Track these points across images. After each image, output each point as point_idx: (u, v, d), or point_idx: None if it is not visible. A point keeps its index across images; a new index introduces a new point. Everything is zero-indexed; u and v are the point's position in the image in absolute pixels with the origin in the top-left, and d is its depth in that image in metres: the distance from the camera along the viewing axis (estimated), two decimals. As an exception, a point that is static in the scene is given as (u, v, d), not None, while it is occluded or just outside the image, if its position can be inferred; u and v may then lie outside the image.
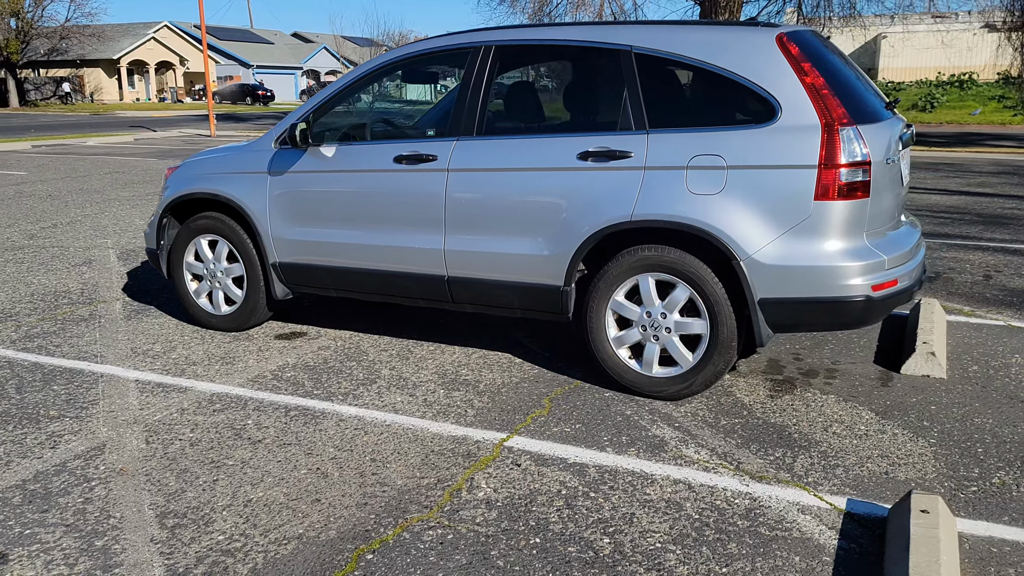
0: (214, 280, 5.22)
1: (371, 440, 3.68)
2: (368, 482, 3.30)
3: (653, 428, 3.80)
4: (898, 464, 3.44)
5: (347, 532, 2.93)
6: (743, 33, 3.98)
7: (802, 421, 3.87)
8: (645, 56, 4.05)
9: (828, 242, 3.72)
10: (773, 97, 3.78)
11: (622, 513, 3.06)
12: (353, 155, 4.67)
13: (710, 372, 3.98)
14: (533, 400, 4.14)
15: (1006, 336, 5.10)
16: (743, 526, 2.98)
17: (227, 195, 5.01)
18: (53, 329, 5.36)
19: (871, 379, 4.41)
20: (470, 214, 4.35)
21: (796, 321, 3.88)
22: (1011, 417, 3.89)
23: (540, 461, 3.48)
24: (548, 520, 3.02)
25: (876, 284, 3.74)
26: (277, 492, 3.21)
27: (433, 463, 3.46)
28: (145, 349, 4.95)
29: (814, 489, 3.24)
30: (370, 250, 4.64)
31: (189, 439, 3.70)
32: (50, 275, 6.85)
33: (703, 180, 3.84)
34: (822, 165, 3.67)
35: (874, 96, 4.30)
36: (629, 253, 4.05)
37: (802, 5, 21.43)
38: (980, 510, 3.07)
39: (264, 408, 4.04)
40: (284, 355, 4.83)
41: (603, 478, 3.33)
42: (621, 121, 4.06)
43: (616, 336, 4.16)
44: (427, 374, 4.51)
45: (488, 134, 4.36)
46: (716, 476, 3.35)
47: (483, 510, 3.08)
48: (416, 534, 2.92)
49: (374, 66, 4.75)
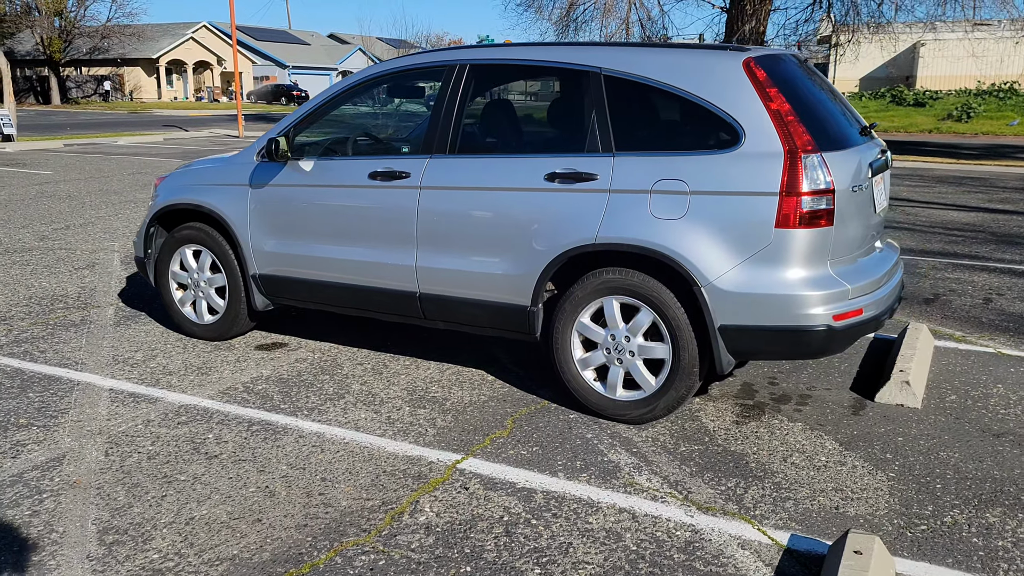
0: (198, 290, 5.29)
1: (326, 458, 3.70)
2: (313, 502, 3.32)
3: (610, 453, 3.78)
4: (851, 499, 3.38)
5: (281, 555, 2.95)
6: (710, 57, 3.95)
7: (763, 450, 3.82)
8: (614, 78, 4.03)
9: (789, 270, 3.67)
10: (737, 123, 3.74)
11: (559, 542, 3.05)
12: (330, 170, 4.71)
13: (672, 397, 3.94)
14: (496, 420, 4.13)
15: (992, 364, 4.99)
16: (679, 560, 2.95)
17: (210, 206, 5.07)
18: (43, 334, 5.46)
19: (843, 407, 4.34)
20: (441, 231, 4.36)
21: (756, 349, 3.83)
22: (978, 452, 3.80)
23: (489, 485, 3.47)
24: (484, 548, 3.01)
25: (838, 314, 3.68)
26: (221, 511, 3.24)
27: (382, 484, 3.47)
28: (126, 357, 5.03)
29: (759, 523, 3.20)
30: (345, 264, 4.67)
31: (147, 452, 3.75)
32: (52, 278, 6.98)
33: (666, 204, 3.81)
34: (783, 192, 3.62)
35: (848, 122, 4.24)
36: (594, 275, 4.03)
37: (832, 14, 21.17)
38: (925, 551, 3.01)
39: (228, 422, 4.09)
40: (260, 366, 4.88)
41: (548, 504, 3.32)
42: (589, 143, 4.04)
43: (581, 358, 4.14)
44: (397, 390, 4.52)
45: (461, 152, 4.36)
46: (663, 506, 3.32)
47: (421, 535, 3.08)
48: (348, 559, 2.93)
49: (354, 81, 4.78)
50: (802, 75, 4.25)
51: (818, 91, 4.23)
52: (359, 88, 4.79)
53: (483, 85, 4.48)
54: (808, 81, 4.23)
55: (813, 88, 4.19)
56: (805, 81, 4.18)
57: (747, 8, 19.76)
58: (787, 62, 4.22)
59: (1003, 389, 4.58)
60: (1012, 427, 4.08)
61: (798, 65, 4.35)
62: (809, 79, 4.27)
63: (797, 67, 4.29)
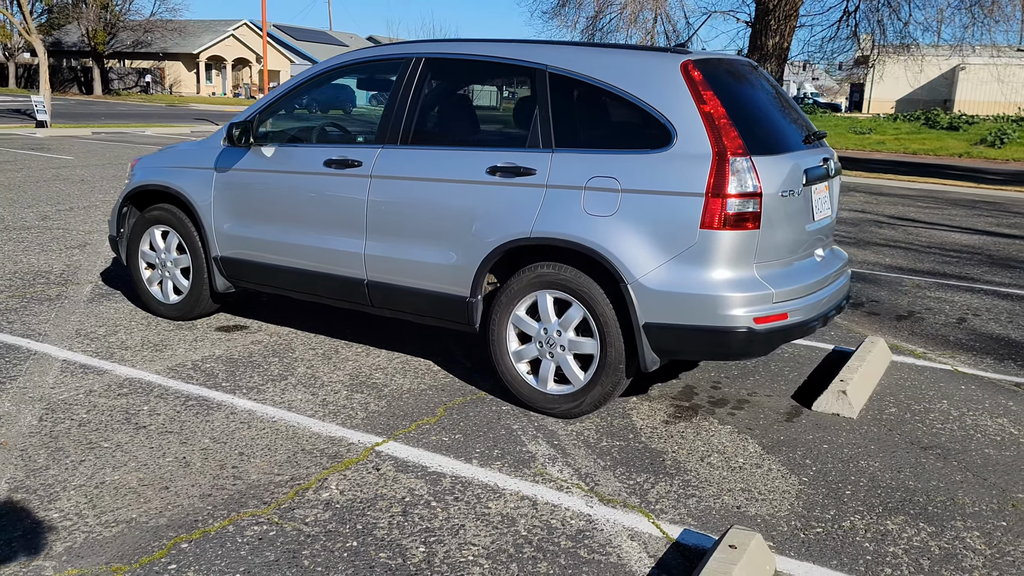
0: (164, 270, 5.42)
1: (250, 435, 3.78)
2: (225, 474, 3.40)
3: (530, 444, 3.82)
4: (756, 499, 3.39)
5: (177, 521, 3.03)
6: (650, 59, 3.98)
7: (683, 449, 3.84)
8: (558, 76, 4.08)
9: (713, 271, 3.69)
10: (671, 123, 3.77)
11: (452, 524, 3.10)
12: (289, 156, 4.81)
13: (599, 392, 3.97)
14: (429, 408, 4.19)
15: (945, 381, 4.95)
16: (565, 546, 2.98)
17: (176, 188, 5.20)
18: (16, 307, 5.62)
19: (779, 413, 4.34)
20: (388, 220, 4.43)
21: (679, 348, 3.85)
22: (900, 463, 3.79)
23: (401, 467, 3.53)
24: (376, 525, 3.07)
25: (760, 317, 3.69)
26: (133, 477, 3.34)
27: (297, 461, 3.55)
28: (89, 331, 5.17)
29: (656, 517, 3.22)
30: (299, 249, 4.76)
31: (80, 420, 3.86)
32: (41, 256, 7.17)
33: (598, 201, 3.85)
34: (709, 194, 3.64)
35: (793, 128, 4.25)
36: (530, 269, 4.08)
37: (858, 33, 21.00)
38: (813, 552, 3.01)
39: (166, 396, 4.19)
40: (215, 346, 4.99)
41: (453, 489, 3.37)
42: (530, 138, 4.10)
43: (516, 350, 4.19)
44: (340, 375, 4.60)
45: (412, 143, 4.44)
46: (565, 496, 3.35)
47: (319, 511, 3.15)
48: (241, 528, 3.00)
49: (314, 72, 4.88)
50: (751, 80, 4.27)
51: (764, 97, 4.25)
52: (320, 78, 4.88)
53: (436, 78, 4.55)
54: (754, 87, 4.25)
55: (758, 94, 4.21)
56: (750, 86, 4.20)
57: (772, 24, 19.67)
58: (735, 66, 4.25)
59: (947, 405, 4.55)
60: (943, 441, 4.05)
61: (749, 70, 4.37)
62: (757, 85, 4.29)
63: (747, 72, 4.31)
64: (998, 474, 3.72)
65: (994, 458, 3.89)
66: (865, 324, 6.14)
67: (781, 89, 4.57)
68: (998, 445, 4.04)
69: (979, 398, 4.68)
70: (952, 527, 3.24)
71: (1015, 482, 3.65)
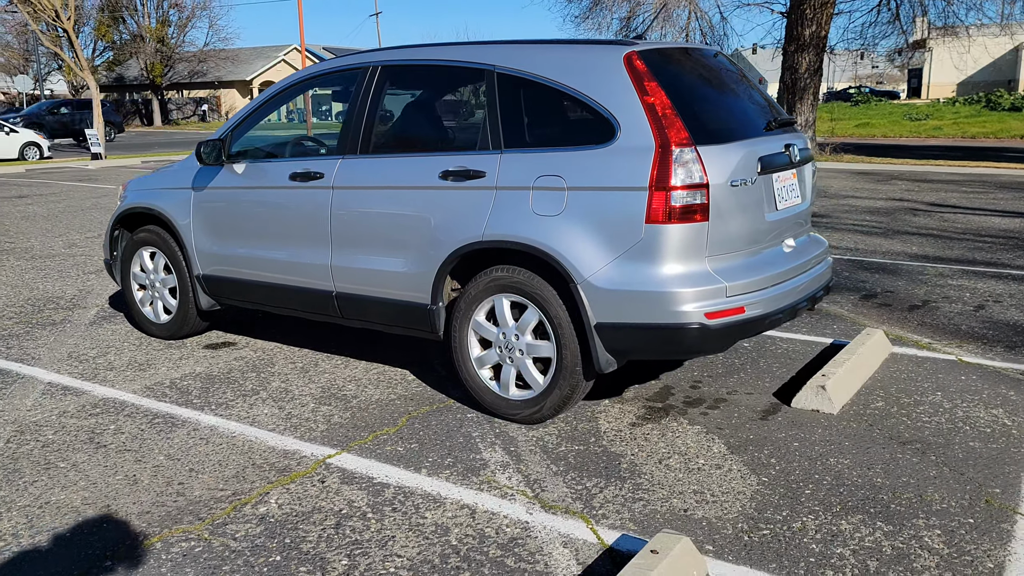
0: (154, 290, 5.51)
1: (205, 450, 3.79)
2: (169, 491, 3.41)
3: (486, 451, 3.74)
4: (707, 502, 3.25)
5: (108, 540, 3.04)
6: (592, 52, 3.89)
7: (643, 452, 3.71)
8: (505, 76, 4.02)
9: (661, 266, 3.57)
10: (614, 117, 3.67)
11: (383, 536, 3.04)
12: (258, 172, 4.84)
13: (558, 396, 3.88)
14: (392, 418, 4.15)
15: (944, 372, 4.70)
16: (492, 555, 2.90)
17: (159, 209, 5.28)
18: (20, 332, 5.78)
19: (755, 411, 4.17)
20: (352, 231, 4.42)
21: (633, 347, 3.73)
22: (872, 459, 3.60)
23: (347, 479, 3.49)
24: (305, 539, 3.03)
25: (712, 312, 3.55)
26: (78, 496, 3.37)
27: (244, 476, 3.54)
28: (81, 354, 5.28)
29: (596, 523, 3.11)
30: (271, 264, 4.78)
31: (45, 440, 3.92)
32: (58, 282, 7.38)
33: (546, 201, 3.77)
34: (653, 187, 3.52)
35: (753, 114, 4.09)
36: (486, 274, 4.01)
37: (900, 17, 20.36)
38: (753, 555, 2.87)
39: (136, 414, 4.24)
40: (197, 364, 5.04)
41: (395, 499, 3.32)
42: (480, 140, 4.04)
43: (478, 356, 4.12)
44: (313, 388, 4.60)
45: (372, 152, 4.42)
46: (507, 503, 3.27)
47: (251, 525, 3.13)
48: (168, 544, 3.00)
49: (281, 87, 4.91)
50: (708, 69, 4.13)
51: (723, 85, 4.10)
52: (286, 92, 4.91)
53: (392, 86, 4.52)
54: (712, 75, 4.11)
55: (715, 82, 4.07)
56: (706, 75, 4.07)
57: (807, 12, 19.21)
58: (691, 55, 4.12)
59: (940, 397, 4.31)
60: (925, 435, 3.84)
61: (709, 58, 4.24)
62: (715, 73, 4.15)
63: (705, 60, 4.18)
64: (978, 468, 3.50)
65: (978, 451, 3.66)
66: (873, 316, 5.89)
67: (745, 76, 4.41)
68: (986, 438, 3.81)
69: (977, 388, 4.43)
70: (912, 526, 3.05)
71: (994, 476, 3.42)
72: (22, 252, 9.02)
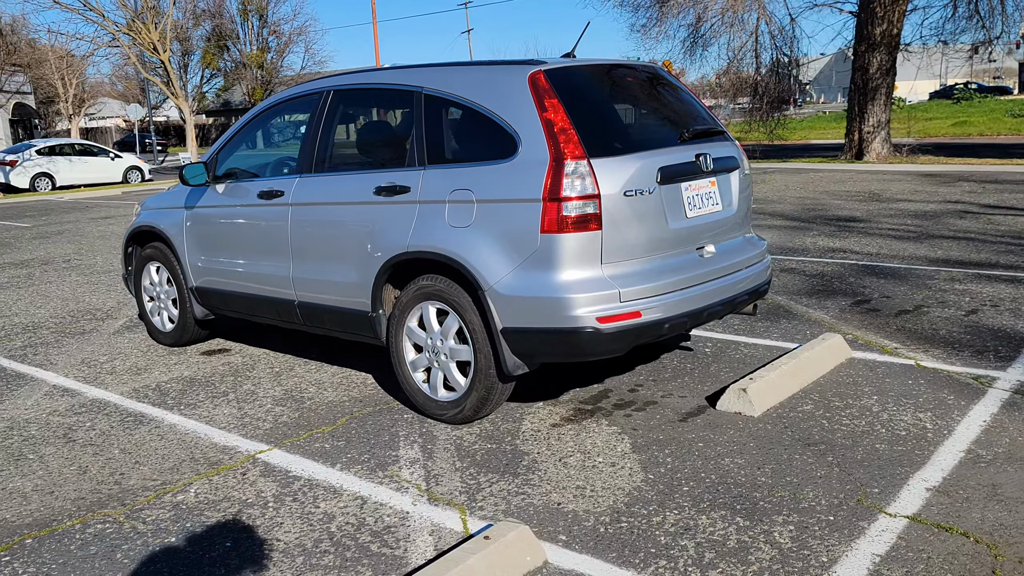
0: (160, 301, 6.01)
1: (155, 446, 4.19)
2: (110, 480, 3.80)
3: (403, 449, 4.00)
4: (584, 497, 3.41)
5: (38, 520, 3.45)
6: (502, 72, 4.10)
7: (549, 451, 3.88)
8: (430, 96, 4.28)
9: (555, 273, 3.75)
10: (517, 133, 3.88)
11: (273, 522, 3.33)
12: (234, 191, 5.26)
13: (476, 397, 4.09)
14: (333, 417, 4.45)
15: (893, 376, 4.66)
16: (362, 540, 3.15)
17: (159, 228, 5.78)
18: (50, 340, 6.40)
19: (678, 413, 4.27)
20: (306, 244, 4.77)
21: (536, 351, 3.91)
22: (767, 460, 3.66)
23: (266, 472, 3.81)
24: (205, 523, 3.35)
25: (604, 316, 3.70)
26: (31, 483, 3.81)
27: (179, 468, 3.90)
28: (92, 360, 5.82)
29: (470, 514, 3.32)
30: (245, 275, 5.19)
31: (28, 436, 4.41)
32: (103, 295, 8.06)
33: (459, 213, 4.01)
34: (546, 198, 3.71)
35: (666, 127, 4.23)
36: (414, 283, 4.28)
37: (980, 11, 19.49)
38: (599, 546, 3.01)
39: (112, 413, 4.69)
40: (188, 368, 5.49)
41: (299, 491, 3.61)
42: (408, 157, 4.32)
43: (412, 360, 4.38)
44: (277, 391, 4.95)
45: (322, 171, 4.76)
46: (398, 495, 3.51)
47: (164, 511, 3.48)
48: (86, 527, 3.37)
49: (255, 112, 5.33)
50: (627, 84, 4.29)
51: (638, 99, 4.25)
52: (261, 116, 5.33)
53: (341, 108, 4.84)
54: (630, 89, 4.27)
55: (629, 97, 4.23)
56: (622, 90, 4.23)
57: (878, 11, 18.69)
58: (610, 72, 4.28)
59: (874, 401, 4.30)
60: (836, 438, 3.87)
61: (634, 73, 4.39)
62: (631, 88, 4.30)
63: (627, 76, 4.33)
64: (869, 470, 3.52)
65: (880, 453, 3.68)
66: (853, 321, 5.84)
67: (675, 88, 4.52)
68: (895, 440, 3.80)
69: (918, 392, 4.39)
70: (768, 522, 3.13)
71: (881, 477, 3.44)
72: (84, 268, 9.84)
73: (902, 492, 3.33)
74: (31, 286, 8.84)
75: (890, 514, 3.16)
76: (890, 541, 2.97)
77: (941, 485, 3.37)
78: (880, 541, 2.97)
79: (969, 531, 3.01)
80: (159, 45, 25.99)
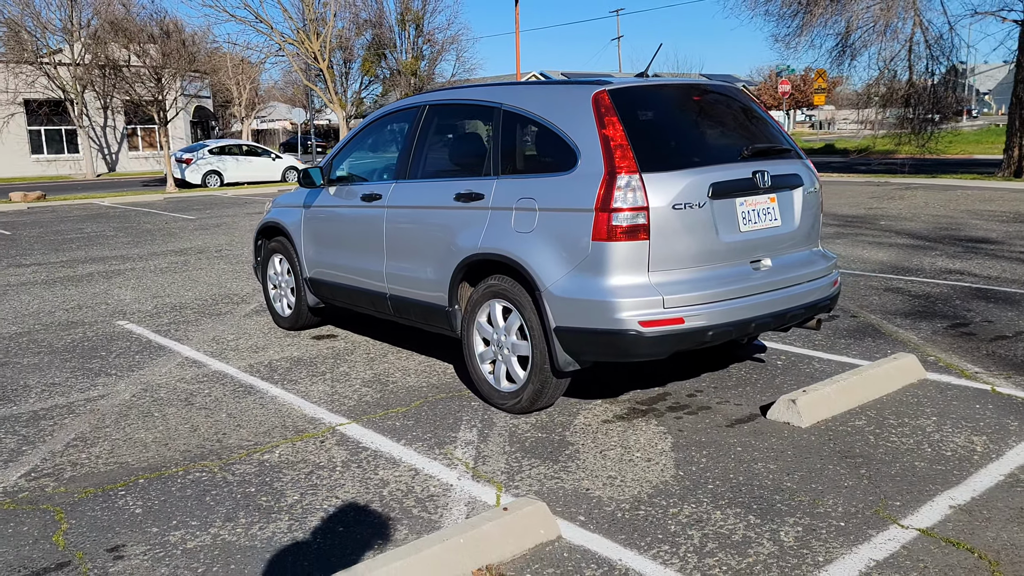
0: (280, 289, 6.72)
1: (256, 413, 4.79)
2: (213, 438, 4.42)
3: (463, 431, 4.40)
4: (612, 485, 3.68)
5: (152, 464, 4.08)
6: (571, 91, 4.43)
7: (594, 444, 4.17)
8: (508, 112, 4.67)
9: (603, 278, 4.04)
10: (577, 147, 4.20)
11: (336, 483, 3.81)
12: (342, 193, 5.85)
13: (532, 390, 4.44)
14: (410, 400, 4.91)
15: (961, 399, 4.63)
16: (406, 505, 3.56)
17: (282, 224, 6.47)
18: (192, 319, 7.25)
19: (728, 419, 4.45)
20: (397, 243, 5.27)
21: (584, 349, 4.20)
22: (798, 467, 3.80)
23: (342, 442, 4.31)
24: (280, 479, 3.87)
25: (646, 320, 3.96)
26: (151, 435, 4.48)
27: (271, 432, 4.47)
28: (222, 338, 6.58)
29: (505, 491, 3.67)
30: (346, 269, 5.76)
31: (156, 397, 5.13)
32: (242, 282, 8.96)
33: (523, 219, 4.37)
34: (598, 208, 4.02)
35: (728, 145, 4.44)
36: (484, 282, 4.68)
37: None
38: (613, 528, 3.28)
39: (227, 383, 5.36)
40: (296, 350, 6.13)
41: (364, 459, 4.07)
42: (485, 167, 4.72)
43: (480, 352, 4.78)
44: (368, 374, 5.48)
45: (415, 177, 5.25)
46: (447, 470, 3.91)
47: (251, 467, 4.03)
48: (187, 473, 3.97)
49: (366, 122, 5.90)
50: (691, 103, 4.53)
51: (700, 118, 4.48)
52: (370, 127, 5.89)
53: (433, 121, 5.30)
54: (691, 109, 4.51)
55: (691, 115, 4.46)
56: (682, 109, 4.47)
57: (1044, 21, 17.53)
58: (675, 91, 4.54)
59: (932, 422, 4.32)
60: (877, 453, 3.95)
61: (703, 93, 4.62)
62: (696, 106, 4.53)
63: (694, 95, 4.57)
64: (899, 484, 3.60)
65: (917, 470, 3.74)
66: (942, 344, 5.75)
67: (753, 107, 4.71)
68: (937, 460, 3.85)
69: (980, 416, 4.37)
70: (778, 522, 3.30)
71: (907, 492, 3.53)
72: (232, 257, 10.89)
73: (924, 507, 3.40)
74: (185, 271, 9.90)
75: (903, 525, 3.25)
76: (892, 549, 3.08)
77: (967, 504, 3.42)
78: (882, 548, 3.09)
79: (976, 548, 3.08)
80: (319, 55, 27.79)
